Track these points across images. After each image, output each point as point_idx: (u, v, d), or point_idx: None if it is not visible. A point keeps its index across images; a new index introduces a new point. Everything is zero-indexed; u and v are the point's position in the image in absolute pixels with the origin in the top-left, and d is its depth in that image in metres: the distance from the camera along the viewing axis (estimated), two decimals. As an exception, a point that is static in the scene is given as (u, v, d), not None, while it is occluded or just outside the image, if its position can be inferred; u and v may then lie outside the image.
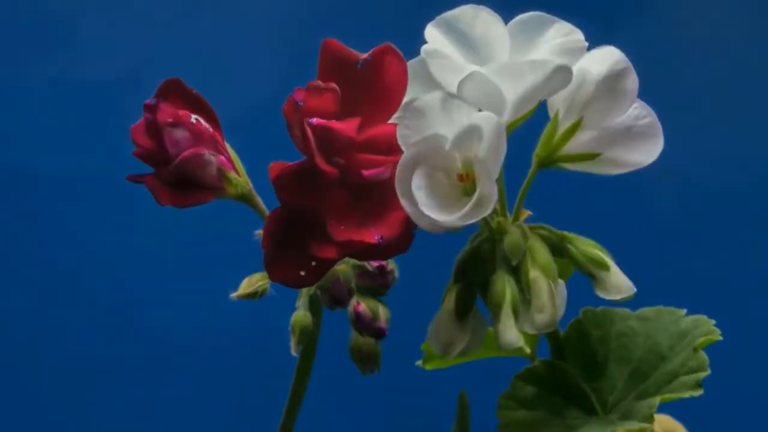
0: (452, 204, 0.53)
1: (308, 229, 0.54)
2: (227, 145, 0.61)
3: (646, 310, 0.63)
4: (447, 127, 0.53)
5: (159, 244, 1.25)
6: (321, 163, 0.54)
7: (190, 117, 0.59)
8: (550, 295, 0.55)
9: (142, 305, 1.26)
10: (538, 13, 0.56)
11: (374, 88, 0.56)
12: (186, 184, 0.58)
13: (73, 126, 1.27)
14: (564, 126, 0.57)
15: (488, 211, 0.52)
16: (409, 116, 0.54)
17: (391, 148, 0.55)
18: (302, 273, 0.54)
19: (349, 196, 0.55)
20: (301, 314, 0.62)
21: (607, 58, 0.57)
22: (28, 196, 1.27)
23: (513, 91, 0.54)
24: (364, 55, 0.57)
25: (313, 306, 0.63)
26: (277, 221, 0.55)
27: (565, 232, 0.58)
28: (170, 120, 0.58)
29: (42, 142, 1.28)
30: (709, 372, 0.58)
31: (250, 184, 0.61)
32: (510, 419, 0.59)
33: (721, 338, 0.59)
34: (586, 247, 0.57)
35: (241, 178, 0.60)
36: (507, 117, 0.54)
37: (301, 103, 0.54)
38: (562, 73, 0.54)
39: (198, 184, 0.59)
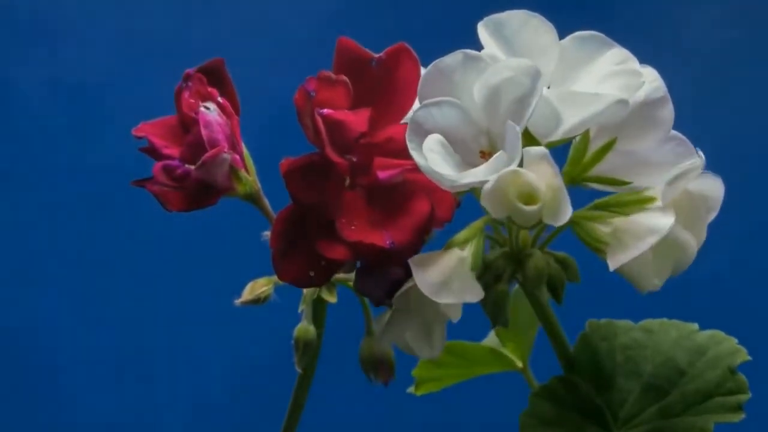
0: (467, 167, 0.51)
1: (317, 228, 0.53)
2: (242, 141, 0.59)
3: (649, 323, 0.61)
4: (467, 90, 0.51)
5: (162, 244, 1.25)
6: (331, 153, 0.53)
7: (218, 96, 0.57)
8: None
9: (142, 306, 1.25)
10: (597, 33, 0.54)
11: (388, 88, 0.55)
12: (195, 185, 0.56)
13: (72, 124, 1.27)
14: (595, 146, 0.55)
15: (510, 168, 0.49)
16: (432, 77, 0.52)
17: (406, 150, 0.53)
18: (311, 273, 0.53)
19: (363, 197, 0.54)
20: (303, 327, 0.60)
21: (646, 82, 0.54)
22: (28, 194, 1.26)
23: (571, 118, 0.52)
24: (379, 55, 0.56)
25: (316, 314, 0.61)
26: (285, 221, 0.54)
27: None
28: (201, 97, 0.57)
29: (41, 140, 1.27)
30: (750, 395, 0.57)
31: (259, 184, 0.59)
32: (534, 437, 0.58)
33: (749, 358, 0.58)
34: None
35: (250, 177, 0.59)
36: (556, 137, 0.53)
37: (313, 94, 0.53)
38: (620, 108, 0.52)
39: (208, 184, 0.57)
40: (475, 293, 0.52)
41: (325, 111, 0.53)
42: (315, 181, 0.53)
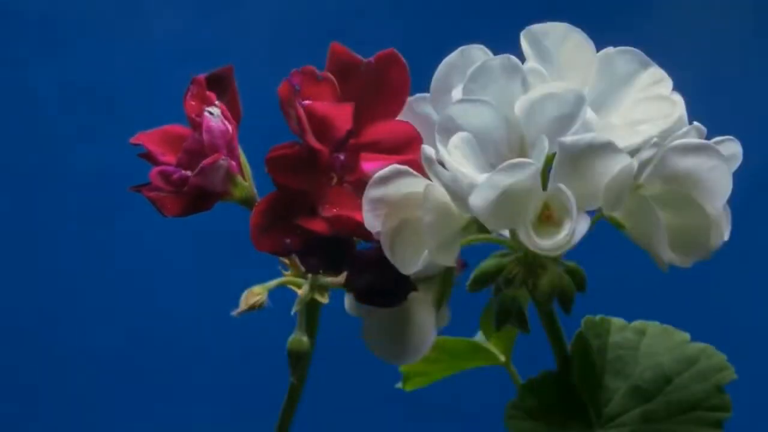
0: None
1: (299, 210, 0.53)
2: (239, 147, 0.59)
3: (642, 324, 0.61)
4: (508, 94, 0.51)
5: (162, 244, 1.24)
6: (312, 140, 0.53)
7: (215, 100, 0.57)
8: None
9: (141, 306, 1.25)
10: (634, 50, 0.54)
11: (376, 91, 0.55)
12: (192, 190, 0.56)
13: (75, 126, 1.26)
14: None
15: (528, 174, 0.48)
16: (479, 73, 0.51)
17: (394, 149, 0.54)
18: (288, 240, 0.53)
19: (349, 191, 0.54)
20: (297, 339, 0.59)
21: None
22: (35, 194, 1.25)
23: None
24: (368, 59, 0.56)
25: (310, 316, 0.60)
26: (269, 202, 0.54)
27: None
28: (201, 100, 0.57)
29: (45, 141, 1.26)
30: (731, 415, 0.56)
31: (255, 189, 0.59)
32: (518, 429, 0.57)
33: (736, 377, 0.57)
34: None
35: (246, 182, 0.58)
36: None
37: (298, 88, 0.53)
38: (658, 146, 0.51)
39: (205, 190, 0.56)
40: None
41: (307, 102, 0.53)
42: (297, 168, 0.53)
